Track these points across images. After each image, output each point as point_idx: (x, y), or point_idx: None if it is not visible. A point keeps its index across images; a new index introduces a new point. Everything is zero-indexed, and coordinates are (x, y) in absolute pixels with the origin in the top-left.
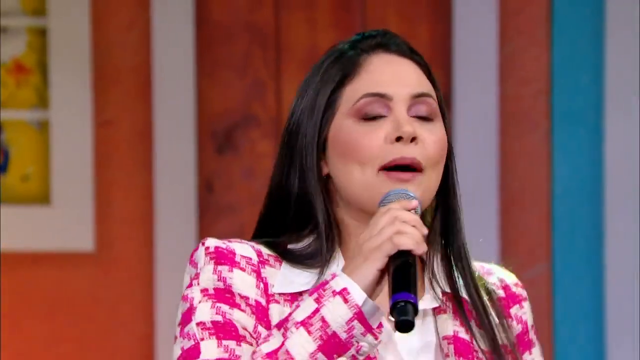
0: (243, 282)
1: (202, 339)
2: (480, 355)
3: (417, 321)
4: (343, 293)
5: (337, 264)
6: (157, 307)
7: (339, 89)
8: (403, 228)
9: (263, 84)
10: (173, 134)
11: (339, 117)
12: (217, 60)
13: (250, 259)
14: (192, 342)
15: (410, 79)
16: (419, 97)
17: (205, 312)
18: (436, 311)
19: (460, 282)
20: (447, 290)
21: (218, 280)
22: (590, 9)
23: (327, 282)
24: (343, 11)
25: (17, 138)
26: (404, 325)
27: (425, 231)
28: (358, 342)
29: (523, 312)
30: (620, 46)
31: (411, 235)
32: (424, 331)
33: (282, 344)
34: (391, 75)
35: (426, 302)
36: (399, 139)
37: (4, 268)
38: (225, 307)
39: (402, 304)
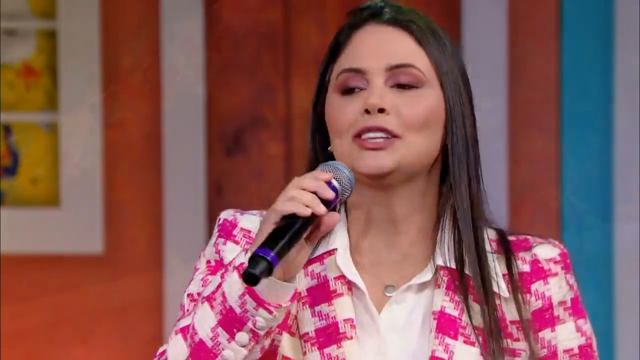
0: (232, 255)
1: (188, 310)
2: (468, 331)
3: (410, 295)
4: (239, 268)
5: (339, 236)
6: (166, 309)
7: (329, 66)
8: (293, 193)
9: (272, 86)
10: (182, 136)
11: (329, 93)
12: (227, 63)
13: (250, 232)
14: (181, 313)
15: (390, 50)
16: (396, 68)
17: (196, 283)
18: (434, 285)
19: (465, 255)
20: (448, 264)
21: (215, 252)
22: (600, 13)
23: (234, 258)
24: None
25: (27, 140)
26: (247, 278)
27: (329, 196)
28: (253, 317)
29: (547, 288)
30: (630, 50)
31: (297, 198)
32: (415, 306)
33: (192, 319)
34: (369, 49)
35: (420, 276)
36: (367, 111)
37: (13, 270)
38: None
39: (256, 258)
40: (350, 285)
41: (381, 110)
